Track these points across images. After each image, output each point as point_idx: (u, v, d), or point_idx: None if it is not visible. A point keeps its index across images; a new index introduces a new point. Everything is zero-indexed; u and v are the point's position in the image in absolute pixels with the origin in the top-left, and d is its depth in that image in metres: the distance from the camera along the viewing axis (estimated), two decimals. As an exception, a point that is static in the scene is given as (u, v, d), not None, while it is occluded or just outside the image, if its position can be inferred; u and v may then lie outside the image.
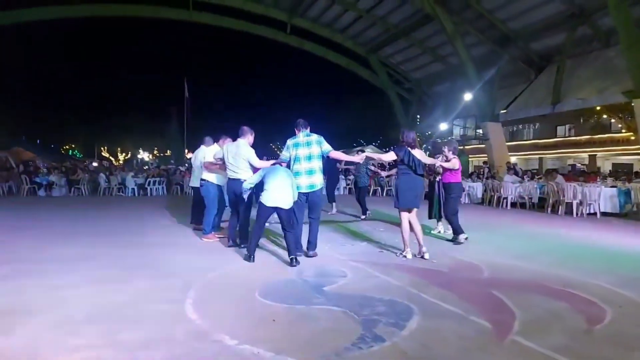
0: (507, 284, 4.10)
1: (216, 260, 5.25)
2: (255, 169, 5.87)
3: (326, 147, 5.57)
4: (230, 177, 6.00)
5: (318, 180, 5.49)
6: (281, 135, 45.77)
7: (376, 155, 6.32)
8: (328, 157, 5.67)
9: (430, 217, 7.45)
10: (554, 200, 11.57)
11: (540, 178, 14.65)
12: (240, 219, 5.97)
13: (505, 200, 13.06)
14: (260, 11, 21.06)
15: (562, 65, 17.11)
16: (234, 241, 6.00)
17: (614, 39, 16.51)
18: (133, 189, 16.90)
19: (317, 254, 5.41)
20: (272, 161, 6.23)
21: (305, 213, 5.56)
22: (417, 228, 5.49)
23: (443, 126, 22.11)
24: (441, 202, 7.04)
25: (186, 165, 21.54)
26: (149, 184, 17.17)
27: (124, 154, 55.28)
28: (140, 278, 4.32)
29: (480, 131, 21.31)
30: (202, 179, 6.76)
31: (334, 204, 10.46)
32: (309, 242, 5.47)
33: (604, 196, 10.57)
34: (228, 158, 5.99)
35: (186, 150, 32.13)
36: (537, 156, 31.89)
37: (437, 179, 7.02)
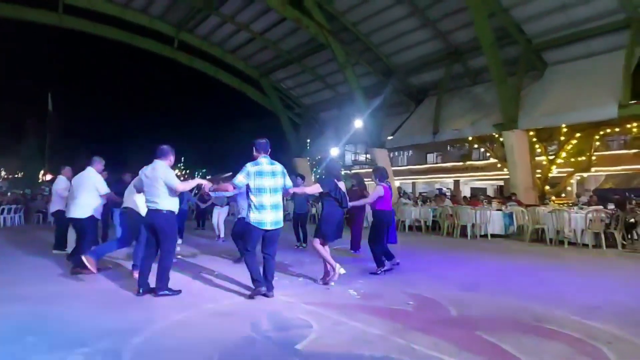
0: (485, 323, 3.88)
1: (134, 315, 4.16)
2: (175, 194, 4.97)
3: (289, 180, 4.95)
4: (149, 207, 4.89)
5: (281, 216, 4.85)
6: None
7: (299, 190, 5.92)
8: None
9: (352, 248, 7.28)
10: (449, 223, 12.32)
11: (431, 202, 15.62)
12: (163, 260, 4.89)
13: (403, 224, 13.58)
14: (144, 22, 19.33)
15: (440, 98, 18.79)
16: (146, 289, 4.83)
17: (480, 77, 18.78)
18: (-23, 218, 13.78)
19: (274, 294, 4.76)
20: (197, 180, 5.41)
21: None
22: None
23: (334, 151, 22.60)
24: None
25: (46, 189, 18.38)
26: (2, 212, 14.13)
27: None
28: (33, 352, 3.14)
29: (369, 156, 22.29)
30: (125, 207, 5.90)
31: None
32: (267, 280, 4.77)
33: (492, 219, 11.55)
34: (144, 186, 4.93)
35: (42, 172, 27.66)
36: (411, 181, 34.70)
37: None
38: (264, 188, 4.68)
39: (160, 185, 4.81)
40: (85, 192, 6.13)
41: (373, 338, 3.48)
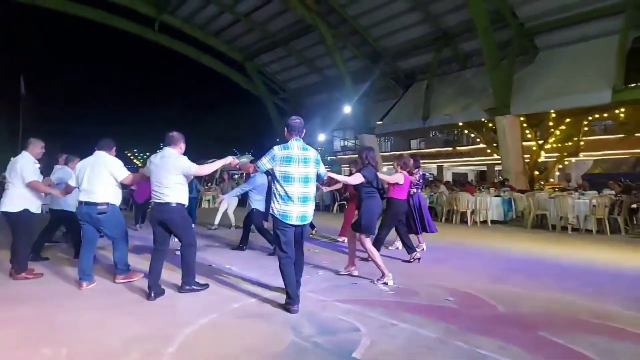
0: (542, 321, 3.65)
1: (156, 320, 3.76)
2: (186, 184, 4.58)
3: (323, 168, 4.39)
4: (157, 200, 4.44)
5: (311, 210, 4.22)
6: (141, 143, 41.17)
7: (342, 178, 5.47)
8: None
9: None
10: (447, 209, 12.19)
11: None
12: (186, 255, 4.54)
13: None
14: (124, 2, 18.31)
15: (430, 83, 18.57)
16: (158, 292, 4.39)
17: (470, 61, 18.65)
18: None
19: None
20: (220, 162, 4.84)
21: None
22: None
23: (322, 137, 22.25)
24: (417, 218, 6.69)
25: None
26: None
27: None
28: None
29: (358, 142, 22.01)
30: (102, 203, 4.73)
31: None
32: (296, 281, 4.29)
33: (492, 205, 11.46)
34: (151, 175, 4.46)
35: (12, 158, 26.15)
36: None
37: (412, 192, 6.59)
38: (291, 176, 4.07)
39: (172, 175, 4.38)
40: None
41: (431, 342, 3.19)
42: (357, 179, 5.16)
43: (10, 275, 5.15)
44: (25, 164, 5.19)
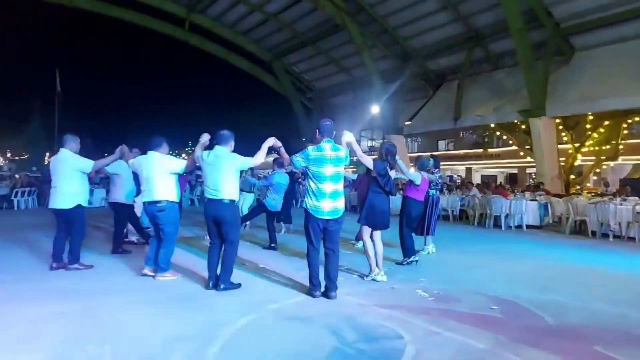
0: (595, 335, 3.45)
1: (196, 318, 3.74)
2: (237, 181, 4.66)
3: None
4: (210, 197, 4.55)
5: (342, 204, 4.46)
6: (175, 140, 41.80)
7: (359, 152, 5.13)
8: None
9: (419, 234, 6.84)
10: (479, 212, 11.89)
11: (457, 190, 15.19)
12: (229, 252, 4.60)
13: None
14: (154, 3, 18.63)
15: (462, 83, 18.20)
16: (215, 283, 4.54)
17: (502, 62, 18.19)
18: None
19: (336, 295, 4.34)
20: (266, 144, 4.81)
21: None
22: (379, 248, 5.17)
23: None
24: (432, 219, 6.56)
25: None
26: (15, 195, 13.69)
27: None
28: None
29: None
30: (158, 200, 4.87)
31: (289, 225, 9.27)
32: (329, 279, 4.36)
33: (527, 209, 11.11)
34: (205, 173, 4.64)
35: (48, 154, 27.01)
36: (422, 168, 34.15)
37: (431, 193, 6.46)
38: (324, 176, 4.29)
39: (227, 173, 4.51)
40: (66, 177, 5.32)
41: (481, 354, 3.05)
42: (368, 161, 5.07)
43: (63, 267, 5.37)
44: (73, 159, 5.32)
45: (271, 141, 4.70)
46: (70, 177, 5.26)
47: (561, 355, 3.02)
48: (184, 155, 44.04)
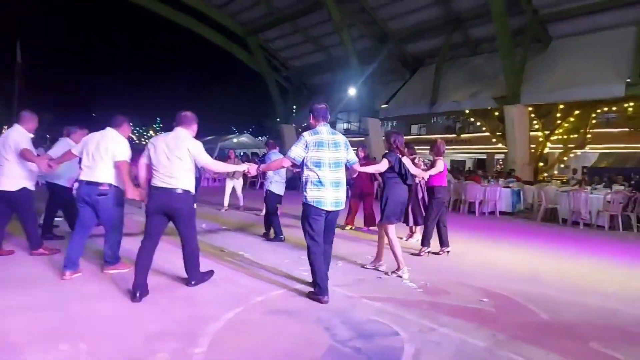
0: (590, 332, 3.44)
1: (176, 314, 3.50)
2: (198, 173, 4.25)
3: (353, 156, 4.21)
4: (159, 186, 3.88)
5: (344, 196, 4.10)
6: (137, 116, 40.28)
7: (372, 169, 5.21)
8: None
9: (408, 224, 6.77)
10: (454, 198, 11.99)
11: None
12: (189, 249, 4.08)
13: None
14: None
15: (440, 67, 18.14)
16: (144, 292, 3.80)
17: (480, 47, 18.22)
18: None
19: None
20: (239, 166, 4.65)
21: None
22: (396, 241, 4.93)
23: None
24: (421, 207, 6.49)
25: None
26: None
27: None
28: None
29: (362, 126, 21.64)
30: (101, 182, 4.27)
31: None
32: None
33: (501, 196, 11.28)
34: (158, 157, 3.88)
35: (5, 128, 25.48)
36: (394, 151, 34.30)
37: (417, 181, 6.36)
38: (323, 162, 3.92)
39: (183, 160, 3.88)
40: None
41: (482, 354, 2.96)
42: (384, 165, 4.91)
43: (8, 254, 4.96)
44: (19, 136, 4.83)
45: (247, 167, 4.41)
46: (16, 157, 4.76)
47: (560, 354, 2.98)
48: (151, 131, 42.68)
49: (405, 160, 5.05)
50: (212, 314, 3.50)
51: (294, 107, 25.29)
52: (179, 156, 3.86)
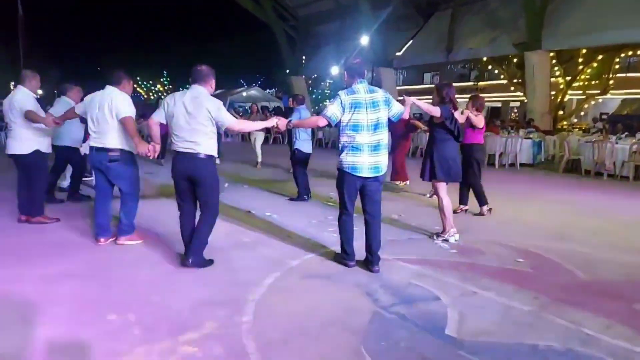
0: (625, 290, 3.42)
1: (215, 281, 3.53)
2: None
3: (397, 107, 3.83)
4: (181, 150, 3.65)
5: (384, 161, 3.75)
6: (145, 71, 39.46)
7: (425, 106, 4.81)
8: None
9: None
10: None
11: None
12: (207, 220, 3.81)
13: (421, 150, 12.99)
14: None
15: (455, 12, 17.34)
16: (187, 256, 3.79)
17: (498, -11, 17.26)
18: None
19: (380, 270, 3.77)
20: (265, 122, 4.38)
21: None
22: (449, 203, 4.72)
23: (335, 70, 21.21)
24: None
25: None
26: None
27: None
28: (132, 341, 2.53)
29: (375, 75, 21.04)
30: (112, 148, 4.11)
31: None
32: (370, 251, 3.80)
33: (522, 148, 11.07)
34: (177, 120, 3.61)
35: (12, 84, 25.22)
36: (406, 101, 33.62)
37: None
38: (360, 124, 3.60)
39: (205, 122, 3.59)
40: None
41: (528, 318, 2.95)
42: (435, 110, 4.50)
43: (26, 221, 4.92)
44: (23, 97, 4.73)
45: (275, 121, 4.08)
46: (23, 120, 4.68)
47: (608, 318, 2.95)
48: (158, 85, 42.05)
49: (458, 115, 4.77)
50: (251, 280, 3.52)
51: (303, 57, 24.60)
52: (200, 120, 3.60)
